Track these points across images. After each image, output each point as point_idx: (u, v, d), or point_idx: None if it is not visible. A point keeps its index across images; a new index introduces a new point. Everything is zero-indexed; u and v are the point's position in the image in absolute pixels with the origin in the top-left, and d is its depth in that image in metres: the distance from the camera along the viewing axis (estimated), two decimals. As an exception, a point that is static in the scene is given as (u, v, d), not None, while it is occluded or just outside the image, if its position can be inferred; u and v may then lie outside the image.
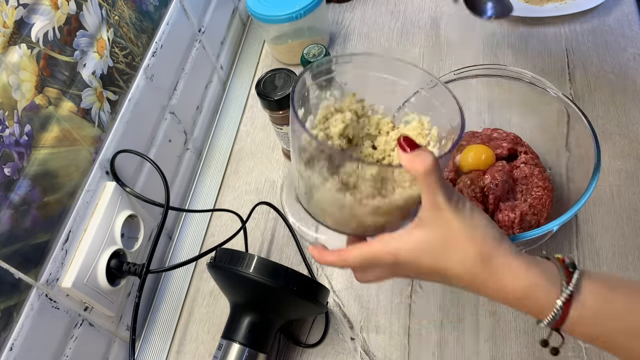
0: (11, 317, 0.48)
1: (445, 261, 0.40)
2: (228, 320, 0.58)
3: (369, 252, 0.42)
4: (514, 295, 0.39)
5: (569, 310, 0.38)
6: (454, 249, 0.39)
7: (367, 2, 0.98)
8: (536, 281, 0.38)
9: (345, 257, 0.44)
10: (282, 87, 0.68)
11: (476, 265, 0.39)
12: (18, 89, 0.49)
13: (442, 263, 0.40)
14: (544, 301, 0.38)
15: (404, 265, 0.41)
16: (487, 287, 0.39)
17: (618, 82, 0.75)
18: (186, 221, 0.77)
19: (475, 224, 0.39)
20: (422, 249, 0.40)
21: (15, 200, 0.49)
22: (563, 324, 0.38)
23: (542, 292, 0.38)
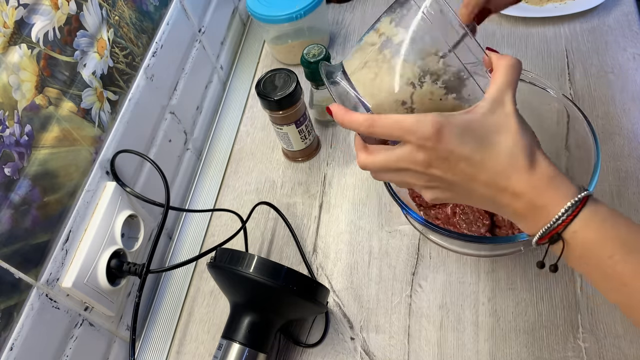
0: (11, 317, 0.48)
1: (491, 144, 0.39)
2: (228, 320, 0.58)
3: (409, 119, 0.39)
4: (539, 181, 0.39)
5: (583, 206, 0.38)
6: (506, 137, 0.39)
7: (367, 2, 0.98)
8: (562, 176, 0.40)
9: (377, 117, 0.40)
10: (282, 87, 0.68)
11: (522, 154, 0.39)
12: (18, 89, 0.49)
13: (487, 145, 0.39)
14: (562, 191, 0.39)
15: (443, 140, 0.38)
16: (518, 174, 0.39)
17: (618, 82, 0.75)
18: (186, 221, 0.77)
19: (527, 127, 0.40)
20: (471, 129, 0.39)
21: (15, 200, 0.49)
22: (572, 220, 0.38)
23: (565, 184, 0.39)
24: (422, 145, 0.39)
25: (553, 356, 0.56)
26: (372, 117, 0.40)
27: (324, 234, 0.71)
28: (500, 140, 0.39)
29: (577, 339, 0.57)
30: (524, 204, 0.40)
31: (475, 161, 0.39)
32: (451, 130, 0.38)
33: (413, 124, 0.39)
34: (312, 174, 0.77)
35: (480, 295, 0.61)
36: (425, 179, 0.41)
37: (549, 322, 0.58)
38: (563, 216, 0.38)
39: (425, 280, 0.64)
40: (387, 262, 0.66)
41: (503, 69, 0.40)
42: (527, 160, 0.39)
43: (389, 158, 0.42)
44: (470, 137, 0.39)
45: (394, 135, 0.40)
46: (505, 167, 0.39)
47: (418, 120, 0.39)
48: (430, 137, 0.38)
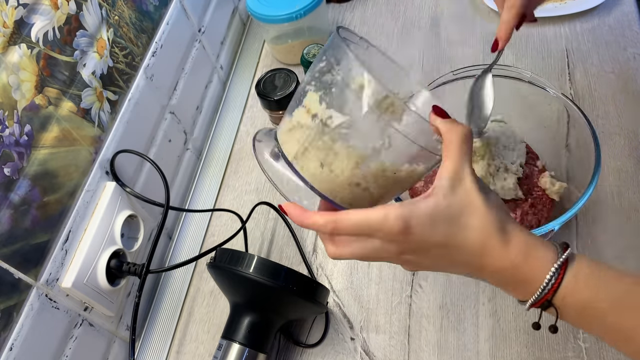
0: (11, 317, 0.48)
1: (461, 228, 0.38)
2: (228, 320, 0.58)
3: (373, 217, 0.38)
4: (515, 257, 0.38)
5: (565, 271, 0.38)
6: (473, 217, 0.38)
7: (367, 2, 0.98)
8: (537, 242, 0.39)
9: (340, 218, 0.39)
10: (282, 87, 0.68)
11: (493, 231, 0.38)
12: (18, 89, 0.49)
13: (457, 230, 0.38)
14: (542, 261, 0.38)
15: (413, 233, 0.38)
16: (494, 253, 0.38)
17: (618, 82, 0.75)
18: (186, 221, 0.77)
19: (490, 197, 0.40)
20: (438, 215, 0.38)
21: (15, 200, 0.49)
22: (558, 288, 0.38)
23: (542, 251, 0.38)
24: (393, 240, 0.38)
25: (553, 356, 0.56)
26: (334, 219, 0.39)
27: (324, 234, 0.71)
28: (468, 222, 0.38)
29: (577, 339, 0.57)
30: (506, 278, 0.40)
31: (449, 246, 0.39)
32: (418, 221, 0.38)
33: (379, 222, 0.38)
34: (312, 174, 0.77)
35: (480, 295, 0.61)
36: (400, 261, 0.41)
37: (549, 322, 0.58)
38: (548, 286, 0.38)
39: (425, 280, 0.64)
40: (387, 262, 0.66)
41: (456, 143, 0.39)
42: (499, 236, 0.38)
43: (360, 249, 0.40)
44: (439, 224, 0.38)
45: (362, 234, 0.39)
46: (480, 248, 0.38)
47: (384, 216, 0.38)
48: (398, 233, 0.38)
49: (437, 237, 0.38)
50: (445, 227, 0.38)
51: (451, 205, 0.38)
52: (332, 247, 0.41)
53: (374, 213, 0.38)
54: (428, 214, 0.38)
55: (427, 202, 0.38)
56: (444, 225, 0.38)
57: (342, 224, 0.39)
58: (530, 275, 0.38)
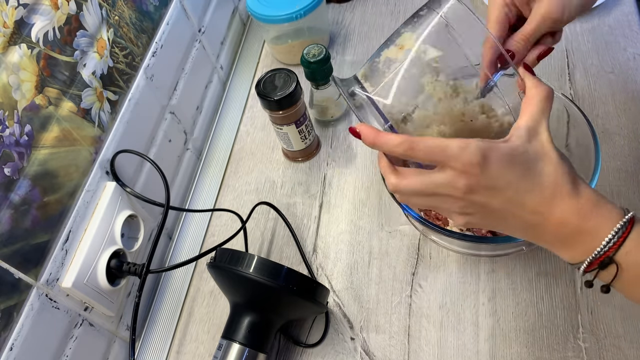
0: (11, 317, 0.48)
1: (535, 172, 0.39)
2: (228, 320, 0.58)
3: (453, 144, 0.37)
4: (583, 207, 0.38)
5: (632, 226, 0.38)
6: (548, 164, 0.39)
7: (367, 2, 0.98)
8: (605, 199, 0.40)
9: (415, 141, 0.38)
10: (282, 87, 0.68)
11: (565, 179, 0.39)
12: (18, 89, 0.49)
13: (531, 173, 0.39)
14: (609, 214, 0.38)
15: (488, 167, 0.37)
16: (562, 201, 0.39)
17: (618, 82, 0.75)
18: (186, 221, 0.77)
19: (564, 156, 0.40)
20: (516, 155, 0.38)
21: (15, 200, 0.49)
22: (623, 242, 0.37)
23: (609, 206, 0.39)
24: (467, 172, 0.37)
25: (553, 356, 0.56)
26: (411, 140, 0.38)
27: (324, 234, 0.71)
28: (543, 168, 0.39)
29: (577, 339, 0.57)
30: (570, 230, 0.39)
31: (521, 188, 0.39)
32: (498, 157, 0.38)
33: (458, 150, 0.37)
34: (312, 174, 0.77)
35: (480, 295, 0.61)
36: (461, 205, 0.40)
37: (549, 322, 0.58)
38: (614, 238, 0.37)
39: (425, 280, 0.64)
40: (387, 262, 0.66)
41: (537, 100, 0.40)
42: (570, 186, 0.39)
43: (426, 183, 0.40)
44: (516, 164, 0.38)
45: (435, 160, 0.38)
46: (551, 194, 0.39)
47: (463, 145, 0.37)
48: (477, 164, 0.37)
49: (512, 175, 0.38)
50: (522, 168, 0.38)
51: (528, 151, 0.39)
52: (394, 177, 0.41)
53: (454, 141, 0.37)
54: (507, 153, 0.38)
55: (507, 144, 0.39)
56: (520, 166, 0.38)
57: (418, 144, 0.38)
58: (596, 226, 0.38)
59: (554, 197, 0.39)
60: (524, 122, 0.40)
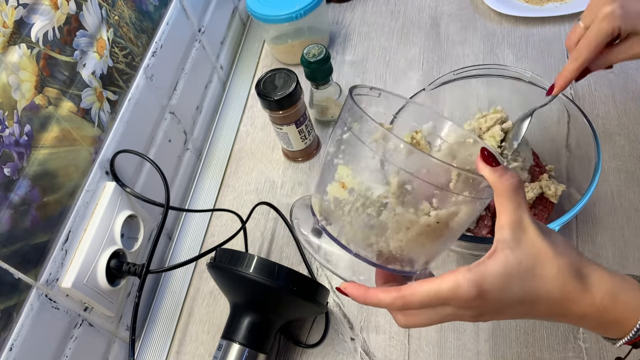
0: (11, 317, 0.48)
1: (537, 281, 0.37)
2: (228, 320, 0.58)
3: (443, 288, 0.36)
4: (601, 301, 0.37)
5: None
6: (546, 267, 0.36)
7: (367, 2, 0.98)
8: (619, 280, 0.37)
9: (409, 294, 0.38)
10: (282, 87, 0.68)
11: (571, 278, 0.37)
12: (18, 89, 0.49)
13: (534, 284, 0.36)
14: (632, 301, 0.37)
15: (488, 297, 0.36)
16: (576, 300, 0.37)
17: (618, 82, 0.75)
18: (186, 221, 0.77)
19: (556, 240, 0.38)
20: (511, 273, 0.36)
21: (15, 200, 0.49)
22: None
23: (629, 291, 0.37)
24: (468, 306, 0.37)
25: (553, 356, 0.56)
26: (401, 295, 0.38)
27: (324, 234, 0.71)
28: (542, 274, 0.37)
29: (577, 339, 0.57)
30: (594, 322, 0.38)
31: (527, 302, 0.37)
32: (492, 284, 0.36)
33: (450, 292, 0.36)
34: (312, 174, 0.77)
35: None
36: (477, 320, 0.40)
37: (550, 322, 0.58)
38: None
39: (425, 280, 0.64)
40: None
41: (508, 194, 0.37)
42: (576, 281, 0.37)
43: (433, 319, 0.39)
44: (513, 282, 0.36)
45: (434, 307, 0.38)
46: (559, 297, 0.37)
47: (455, 286, 0.36)
48: (474, 298, 0.36)
49: (513, 296, 0.37)
50: (521, 284, 0.36)
51: (521, 260, 0.36)
52: (403, 318, 0.40)
53: (443, 283, 0.37)
54: (500, 273, 0.36)
55: (496, 261, 0.37)
56: (518, 283, 0.36)
57: (411, 299, 0.38)
58: (622, 317, 0.37)
59: (563, 300, 0.37)
60: (505, 223, 0.37)
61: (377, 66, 0.87)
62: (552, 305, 0.37)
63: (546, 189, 0.60)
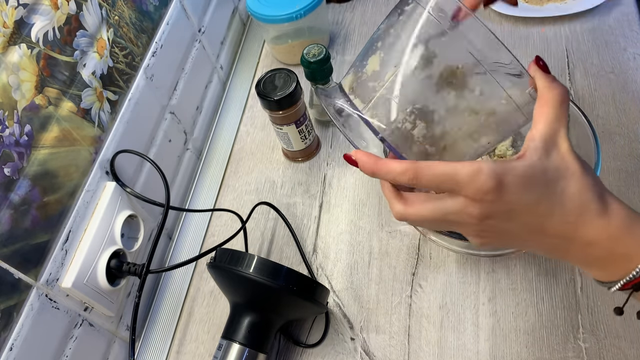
0: (11, 317, 0.48)
1: (557, 192, 0.35)
2: (228, 320, 0.58)
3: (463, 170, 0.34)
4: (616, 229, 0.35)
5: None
6: (570, 182, 0.35)
7: (367, 2, 0.98)
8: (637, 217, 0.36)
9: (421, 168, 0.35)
10: (282, 87, 0.68)
11: (592, 198, 0.35)
12: (18, 89, 0.49)
13: (554, 194, 0.35)
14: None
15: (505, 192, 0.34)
16: (590, 221, 0.35)
17: (618, 82, 0.75)
18: (186, 221, 0.77)
19: (587, 166, 0.36)
20: (534, 176, 0.34)
21: (15, 200, 0.49)
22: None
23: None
24: (481, 199, 0.34)
25: (553, 356, 0.56)
26: (416, 166, 0.35)
27: (324, 234, 0.71)
28: (565, 186, 0.35)
29: (577, 339, 0.57)
30: (600, 252, 0.36)
31: (541, 211, 0.35)
32: (514, 180, 0.34)
33: (469, 176, 0.34)
34: (312, 174, 0.77)
35: (480, 295, 0.61)
36: (477, 230, 0.37)
37: (549, 322, 0.58)
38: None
39: (425, 280, 0.64)
40: (387, 262, 0.66)
41: (552, 105, 0.36)
42: (598, 204, 0.35)
43: (435, 210, 0.37)
44: (534, 185, 0.35)
45: (443, 188, 0.35)
46: (576, 216, 0.35)
47: (475, 171, 0.34)
48: (490, 191, 0.34)
49: (531, 199, 0.35)
50: (541, 190, 0.35)
51: (547, 168, 0.35)
52: (400, 204, 0.37)
53: (463, 165, 0.34)
54: (523, 173, 0.34)
55: (523, 162, 0.35)
56: (539, 188, 0.35)
57: (424, 171, 0.35)
58: (632, 251, 0.35)
59: (579, 219, 0.35)
60: (539, 133, 0.36)
61: (377, 66, 0.87)
62: (565, 222, 0.35)
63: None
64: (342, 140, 0.80)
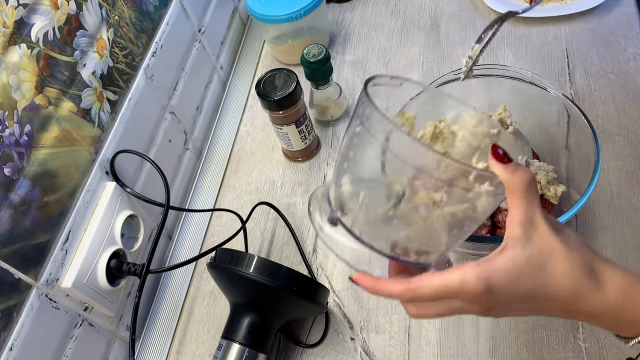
0: (11, 317, 0.48)
1: (547, 278, 0.36)
2: (228, 320, 0.58)
3: (451, 283, 0.36)
4: (614, 300, 0.36)
5: None
6: (557, 264, 0.36)
7: (367, 2, 0.98)
8: (638, 281, 0.36)
9: (417, 287, 0.37)
10: (282, 87, 0.68)
11: (582, 275, 0.36)
12: (18, 89, 0.49)
13: (544, 280, 0.36)
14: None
15: (496, 292, 0.36)
16: (587, 298, 0.36)
17: (618, 82, 0.75)
18: (186, 221, 0.77)
19: (568, 237, 0.37)
20: (520, 269, 0.35)
21: (15, 200, 0.49)
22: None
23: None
24: (477, 301, 0.37)
25: (553, 356, 0.56)
26: (412, 288, 0.38)
27: (324, 234, 0.71)
28: (553, 268, 0.36)
29: (577, 339, 0.57)
30: (606, 321, 0.37)
31: (537, 298, 0.36)
32: (500, 279, 0.35)
33: (457, 287, 0.36)
34: (312, 174, 0.77)
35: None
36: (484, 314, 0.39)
37: (549, 322, 0.58)
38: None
39: (425, 280, 0.64)
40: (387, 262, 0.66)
41: (520, 191, 0.36)
42: (588, 279, 0.36)
43: (444, 311, 0.39)
44: (522, 278, 0.36)
45: (444, 300, 0.38)
46: (570, 295, 0.36)
47: (461, 280, 0.36)
48: (482, 294, 0.36)
49: (522, 292, 0.36)
50: (530, 280, 0.36)
51: (531, 256, 0.36)
52: (414, 309, 0.40)
53: (451, 278, 0.36)
54: (509, 269, 0.36)
55: (505, 257, 0.36)
56: (527, 279, 0.36)
57: (420, 292, 0.38)
58: (636, 317, 0.36)
59: (574, 298, 0.36)
60: (516, 222, 0.37)
61: (377, 66, 0.87)
62: (563, 302, 0.36)
63: (546, 191, 0.60)
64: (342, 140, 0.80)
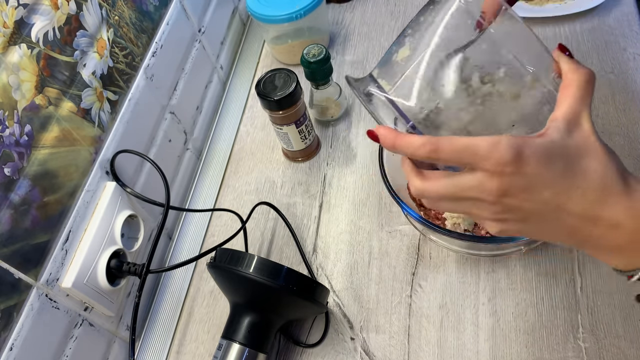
0: (11, 317, 0.48)
1: (579, 167, 0.34)
2: (228, 320, 0.58)
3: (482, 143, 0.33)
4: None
5: None
6: (593, 160, 0.34)
7: (367, 2, 0.98)
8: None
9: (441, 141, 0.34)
10: (282, 87, 0.68)
11: (614, 177, 0.34)
12: (18, 89, 0.49)
13: (576, 169, 0.34)
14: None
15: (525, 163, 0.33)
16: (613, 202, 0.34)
17: (618, 82, 0.75)
18: (186, 221, 0.77)
19: (610, 149, 0.35)
20: (555, 150, 0.33)
21: (15, 200, 0.49)
22: None
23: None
24: (499, 172, 0.33)
25: (553, 356, 0.56)
26: (435, 140, 0.34)
27: (324, 234, 0.71)
28: (587, 165, 0.34)
29: (577, 339, 0.57)
30: (623, 234, 0.34)
31: (562, 188, 0.34)
32: (534, 153, 0.33)
33: (488, 148, 0.33)
34: (312, 174, 0.77)
35: (480, 295, 0.61)
36: (494, 210, 0.36)
37: (549, 322, 0.58)
38: None
39: (425, 280, 0.64)
40: (387, 262, 0.66)
41: (576, 86, 0.36)
42: (621, 184, 0.34)
43: (453, 186, 0.36)
44: (556, 160, 0.34)
45: (463, 162, 0.34)
46: (599, 194, 0.34)
47: (493, 143, 0.33)
48: (510, 162, 0.33)
49: (551, 174, 0.33)
50: (562, 166, 0.34)
51: (568, 146, 0.34)
52: (418, 180, 0.37)
53: (483, 139, 0.33)
54: (544, 148, 0.33)
55: (541, 139, 0.34)
56: (560, 163, 0.34)
57: (443, 145, 0.34)
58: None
59: (603, 198, 0.34)
60: (561, 113, 0.35)
61: (377, 66, 0.87)
62: (587, 201, 0.34)
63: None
64: (342, 139, 0.80)
